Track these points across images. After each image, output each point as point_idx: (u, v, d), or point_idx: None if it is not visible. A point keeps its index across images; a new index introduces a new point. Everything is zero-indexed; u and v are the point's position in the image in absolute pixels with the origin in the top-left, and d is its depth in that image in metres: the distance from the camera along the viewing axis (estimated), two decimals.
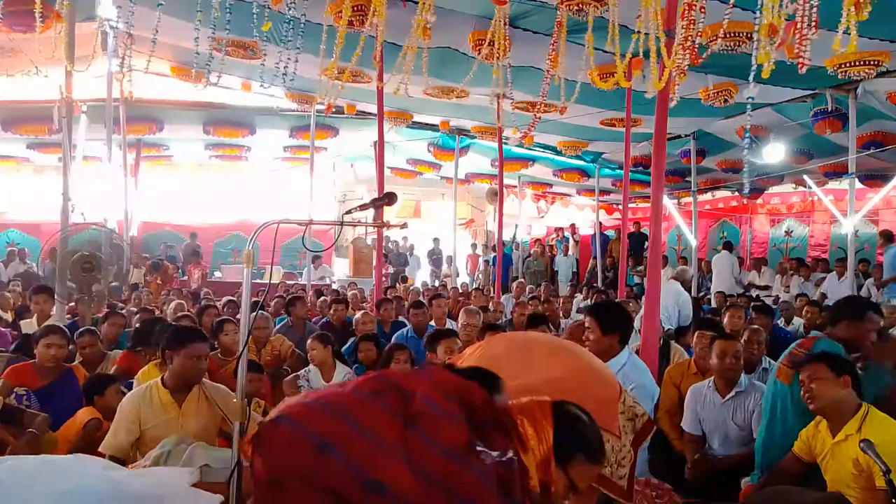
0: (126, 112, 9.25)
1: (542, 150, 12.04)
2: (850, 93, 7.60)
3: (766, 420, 3.32)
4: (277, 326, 5.64)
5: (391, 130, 10.75)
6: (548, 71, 5.73)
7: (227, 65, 6.88)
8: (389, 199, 2.84)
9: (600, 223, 13.69)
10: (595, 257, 13.23)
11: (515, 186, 14.94)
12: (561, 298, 9.53)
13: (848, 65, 6.15)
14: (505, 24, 5.50)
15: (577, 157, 12.24)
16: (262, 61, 7.31)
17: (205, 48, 6.08)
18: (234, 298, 7.22)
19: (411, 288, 11.00)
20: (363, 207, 2.75)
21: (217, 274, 13.35)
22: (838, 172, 9.48)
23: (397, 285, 11.93)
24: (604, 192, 13.73)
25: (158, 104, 10.48)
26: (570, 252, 14.97)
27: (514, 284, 10.65)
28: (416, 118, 10.63)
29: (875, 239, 12.59)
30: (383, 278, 9.48)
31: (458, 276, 13.48)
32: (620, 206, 10.58)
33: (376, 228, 6.65)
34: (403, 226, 4.52)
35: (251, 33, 5.72)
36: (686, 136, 10.38)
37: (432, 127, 11.22)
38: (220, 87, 8.59)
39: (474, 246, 16.56)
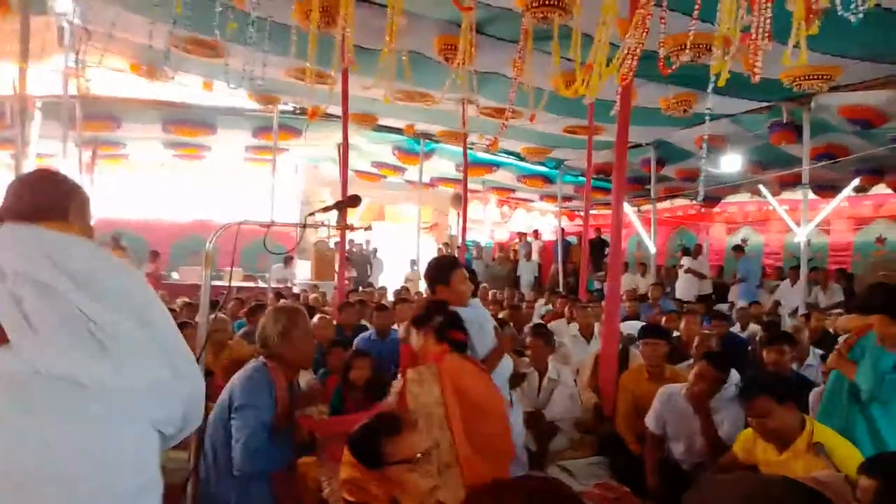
0: (83, 109, 9.02)
1: (506, 155, 12.14)
2: (804, 106, 7.84)
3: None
4: (238, 332, 5.54)
5: (356, 133, 10.71)
6: (514, 78, 5.78)
7: (186, 63, 6.77)
8: (353, 201, 2.83)
9: (562, 229, 13.84)
10: (557, 263, 13.38)
11: (480, 191, 15.01)
12: (524, 303, 9.59)
13: (802, 78, 6.33)
14: (471, 29, 5.53)
15: (541, 164, 12.38)
16: (226, 61, 7.21)
17: (162, 44, 5.97)
18: (192, 301, 7.08)
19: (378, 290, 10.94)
20: (326, 209, 2.73)
21: (175, 276, 13.08)
22: (793, 183, 9.75)
23: (361, 288, 11.85)
24: (566, 198, 13.90)
25: (116, 101, 10.24)
26: (532, 257, 15.10)
27: (480, 288, 10.68)
28: (381, 121, 10.61)
29: (826, 248, 13.04)
30: (346, 282, 9.40)
31: (420, 279, 13.46)
32: (582, 213, 10.72)
33: (339, 231, 6.61)
34: (367, 228, 4.50)
35: (213, 32, 5.64)
36: (646, 144, 10.57)
37: (397, 130, 11.21)
38: (180, 85, 8.44)
39: (439, 250, 16.57)
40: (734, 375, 4.60)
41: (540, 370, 4.64)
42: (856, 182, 10.23)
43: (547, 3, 4.82)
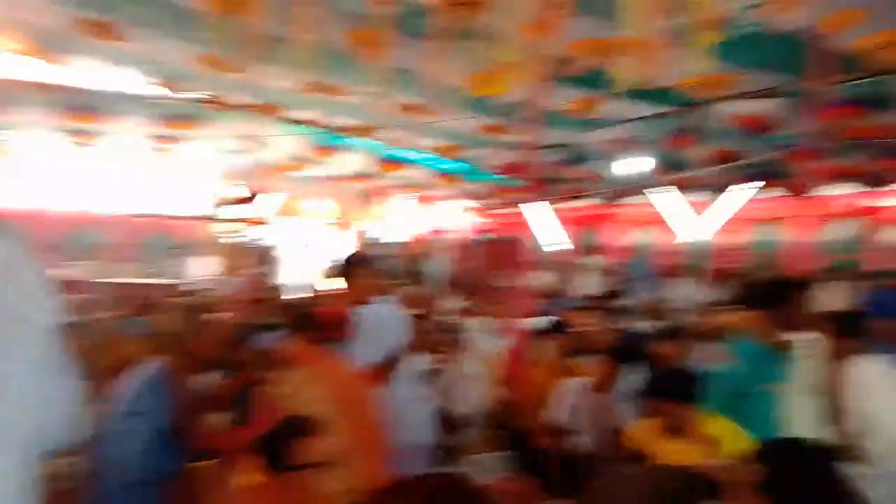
0: None
1: (419, 152, 12.13)
2: (701, 112, 8.27)
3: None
4: (133, 330, 5.25)
5: (266, 125, 10.41)
6: (429, 75, 5.77)
7: (82, 46, 6.36)
8: (255, 196, 2.74)
9: (476, 227, 13.98)
10: (469, 261, 13.51)
11: (393, 188, 14.93)
12: (437, 300, 9.62)
13: (700, 86, 6.67)
14: (387, 24, 5.49)
15: (456, 161, 12.46)
16: (127, 46, 6.83)
17: (56, 24, 5.58)
18: (84, 297, 6.66)
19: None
20: (230, 203, 2.63)
21: (66, 271, 12.27)
22: (689, 185, 10.27)
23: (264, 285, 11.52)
24: (479, 196, 14.04)
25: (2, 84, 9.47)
26: (445, 255, 15.18)
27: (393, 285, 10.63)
28: (293, 113, 10.36)
29: (718, 248, 13.80)
30: (253, 277, 9.14)
31: (330, 277, 13.25)
32: (495, 211, 10.90)
33: (245, 225, 6.41)
34: (271, 223, 4.37)
35: (114, 14, 5.32)
36: (556, 145, 10.84)
37: (310, 123, 10.96)
38: (75, 69, 7.92)
39: (352, 247, 16.37)
40: (633, 368, 4.80)
41: (452, 366, 4.67)
42: (748, 186, 10.90)
43: (463, 1, 4.85)
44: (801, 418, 3.45)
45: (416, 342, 3.54)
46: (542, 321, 6.60)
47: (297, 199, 16.60)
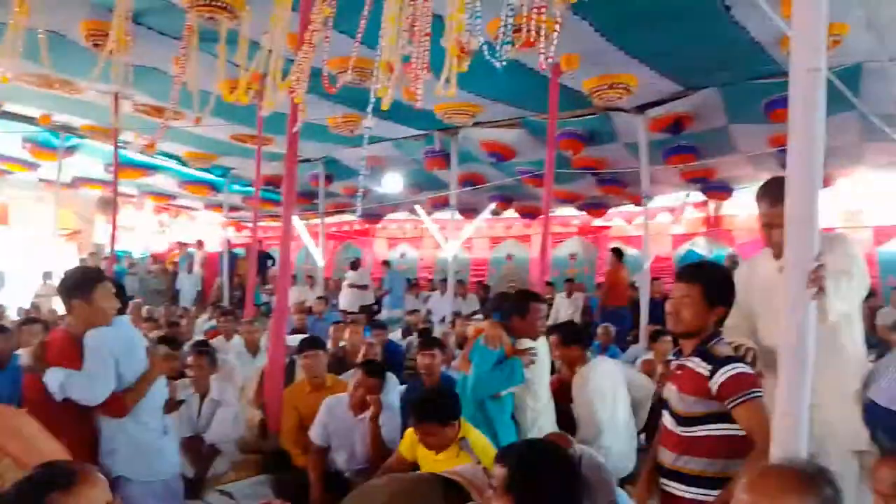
0: None
1: (165, 158, 11.20)
2: (453, 136, 8.82)
3: None
4: None
5: None
6: (177, 76, 5.36)
7: None
8: None
9: (228, 240, 13.31)
10: (222, 276, 12.78)
11: (134, 196, 13.63)
12: (185, 319, 8.95)
13: (452, 112, 7.12)
14: (127, 17, 4.98)
15: (206, 171, 11.73)
16: None
17: None
18: None
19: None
20: None
21: None
22: (442, 205, 10.88)
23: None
24: (233, 208, 13.41)
25: None
26: (194, 270, 14.19)
27: (131, 304, 9.63)
28: (8, 107, 8.93)
29: (469, 263, 14.83)
30: None
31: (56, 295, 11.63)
32: (250, 224, 10.46)
33: None
34: None
35: None
36: (316, 160, 10.78)
37: (29, 119, 9.52)
38: None
39: (83, 261, 14.54)
40: (393, 380, 4.89)
41: (201, 391, 4.34)
42: (492, 206, 11.86)
43: (213, 3, 4.60)
44: (539, 420, 3.80)
45: (159, 366, 3.20)
46: (300, 338, 6.47)
47: (15, 205, 14.35)
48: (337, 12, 3.56)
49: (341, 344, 6.38)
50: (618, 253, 10.15)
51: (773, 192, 2.30)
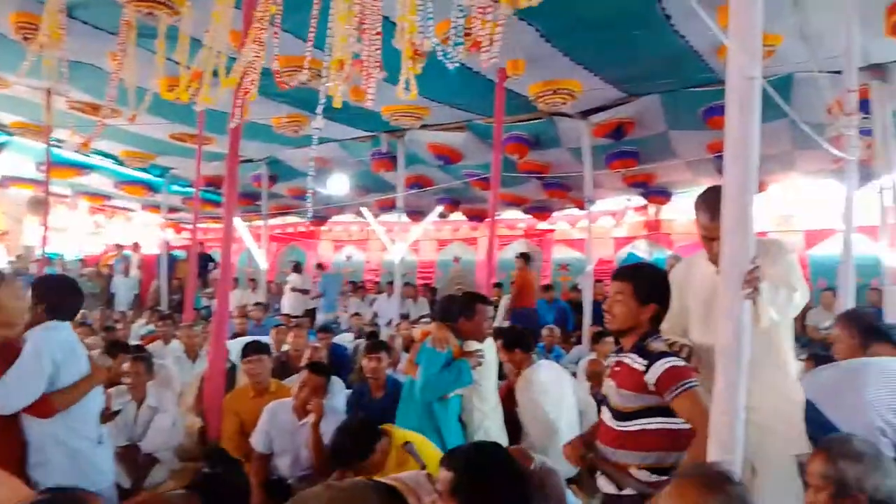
0: None
1: (101, 157, 10.80)
2: (399, 138, 8.78)
3: None
4: None
5: None
6: (114, 73, 5.18)
7: None
8: None
9: (167, 242, 12.93)
10: (160, 279, 12.39)
11: (67, 196, 13.08)
12: (121, 323, 8.65)
13: (398, 114, 7.09)
14: (60, 11, 4.78)
15: (143, 170, 11.36)
16: None
17: None
18: None
19: None
20: None
21: None
22: (389, 207, 10.81)
23: None
24: (172, 209, 13.02)
25: None
26: (131, 273, 13.73)
27: None
28: None
29: (416, 265, 14.81)
30: None
31: None
32: (190, 226, 10.17)
33: None
34: None
35: None
36: (259, 160, 10.58)
37: None
38: None
39: (11, 263, 13.87)
40: (338, 384, 4.83)
41: (138, 398, 4.20)
42: (439, 209, 11.87)
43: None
44: (485, 422, 3.80)
45: (100, 374, 3.07)
46: (242, 342, 6.32)
47: None
48: (283, 11, 3.49)
49: (284, 348, 6.27)
50: (525, 257, 10.44)
51: (711, 206, 2.33)
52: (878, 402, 2.46)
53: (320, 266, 12.18)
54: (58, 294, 3.02)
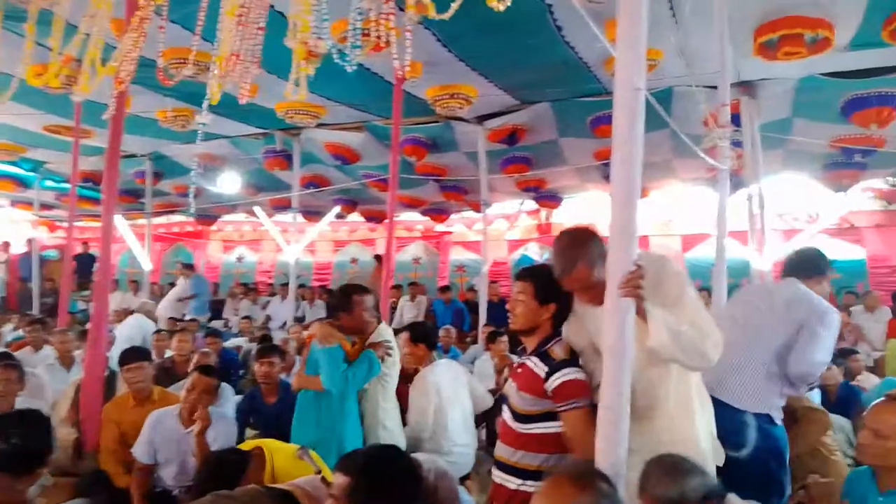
0: None
1: None
2: (295, 137, 8.59)
3: None
4: None
5: None
6: None
7: None
8: None
9: (37, 241, 11.98)
10: (30, 280, 11.45)
11: None
12: None
13: (294, 112, 6.94)
14: None
15: (13, 164, 10.47)
16: None
17: None
18: None
19: None
20: None
21: None
22: (284, 206, 10.55)
23: None
24: (45, 206, 12.08)
25: None
26: None
27: None
28: None
29: (312, 266, 14.54)
30: None
31: None
32: (65, 224, 9.49)
33: None
34: None
35: None
36: (142, 156, 10.04)
37: None
38: None
39: None
40: (228, 390, 4.67)
41: (5, 409, 3.86)
42: (336, 209, 11.70)
43: None
44: (387, 420, 3.77)
45: None
46: (121, 348, 5.96)
47: None
48: (171, 1, 3.33)
49: (168, 354, 5.98)
50: (379, 259, 10.56)
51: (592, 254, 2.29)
52: None
53: (189, 267, 11.46)
54: None
